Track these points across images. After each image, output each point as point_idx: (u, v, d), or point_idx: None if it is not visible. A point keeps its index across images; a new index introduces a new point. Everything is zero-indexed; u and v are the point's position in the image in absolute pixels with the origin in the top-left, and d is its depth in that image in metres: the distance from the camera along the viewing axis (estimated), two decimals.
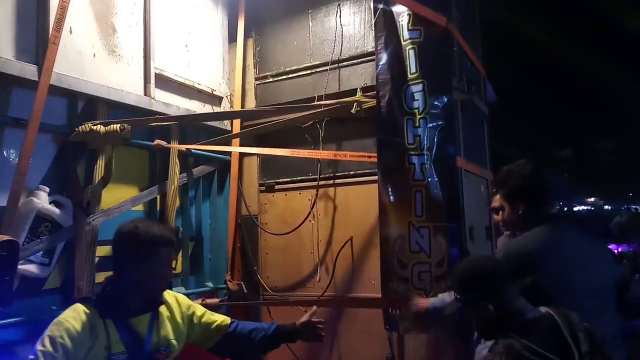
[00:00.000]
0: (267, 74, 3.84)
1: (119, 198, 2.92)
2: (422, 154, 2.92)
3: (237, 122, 3.80)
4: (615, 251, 6.69)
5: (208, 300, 2.94)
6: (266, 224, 3.77)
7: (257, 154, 3.82)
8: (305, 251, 3.56)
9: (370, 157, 3.07)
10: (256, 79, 3.91)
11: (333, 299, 3.37)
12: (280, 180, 3.73)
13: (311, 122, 3.45)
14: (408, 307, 2.74)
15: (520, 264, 2.06)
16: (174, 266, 3.21)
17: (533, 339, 1.68)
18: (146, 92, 3.07)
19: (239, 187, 3.80)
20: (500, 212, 2.36)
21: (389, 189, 2.96)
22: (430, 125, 2.91)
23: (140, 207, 3.12)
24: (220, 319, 2.23)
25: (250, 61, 3.94)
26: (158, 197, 3.24)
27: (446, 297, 2.49)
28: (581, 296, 2.01)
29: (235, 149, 3.57)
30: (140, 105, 3.02)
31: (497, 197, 2.41)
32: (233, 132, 3.67)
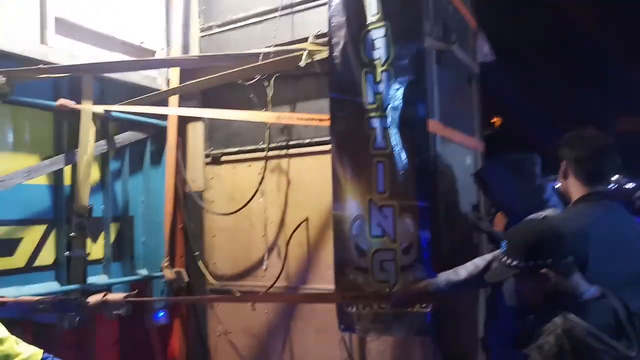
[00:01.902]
0: (212, 24, 3.39)
1: (6, 169, 2.51)
2: (385, 115, 2.49)
3: (175, 82, 3.36)
4: None
5: (110, 296, 2.57)
6: (212, 201, 3.37)
7: (202, 119, 3.40)
8: (255, 234, 3.17)
9: (321, 120, 2.65)
10: (201, 30, 3.46)
11: (279, 294, 3.00)
12: (227, 150, 3.32)
13: (256, 78, 3.01)
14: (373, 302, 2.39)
15: (571, 241, 1.91)
16: (87, 251, 2.82)
17: (595, 323, 1.63)
18: (43, 40, 2.63)
19: (178, 159, 3.39)
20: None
21: (345, 160, 2.54)
22: (395, 79, 2.48)
23: (41, 181, 2.71)
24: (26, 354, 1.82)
25: (195, 8, 3.48)
26: (68, 169, 2.83)
27: (451, 275, 2.30)
28: (626, 279, 1.97)
29: (160, 109, 3.13)
30: (33, 55, 2.58)
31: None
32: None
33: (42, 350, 1.92)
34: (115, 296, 2.58)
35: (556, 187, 2.52)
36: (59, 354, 3.57)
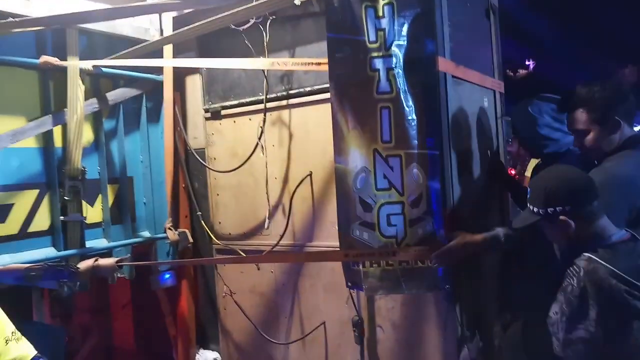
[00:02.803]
0: None
1: None
2: (389, 54, 2.27)
3: (168, 33, 3.18)
4: None
5: (101, 261, 2.49)
6: (215, 158, 3.24)
7: (199, 72, 3.24)
8: (259, 191, 3.03)
9: (319, 63, 2.44)
10: None
11: (280, 254, 2.89)
12: (227, 104, 3.15)
13: (251, 22, 2.80)
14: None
15: (626, 188, 2.00)
16: (84, 214, 2.74)
17: (620, 265, 1.66)
18: None
19: (176, 115, 3.24)
20: (586, 136, 2.20)
21: (346, 107, 2.34)
22: (400, 13, 2.24)
23: (29, 144, 2.61)
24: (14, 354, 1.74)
25: None
26: (58, 131, 2.72)
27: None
28: None
29: (152, 61, 2.95)
30: (10, 10, 2.42)
31: (580, 117, 2.21)
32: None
33: (33, 352, 1.85)
34: (107, 261, 2.52)
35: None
36: (75, 318, 3.67)
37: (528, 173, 3.75)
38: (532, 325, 2.02)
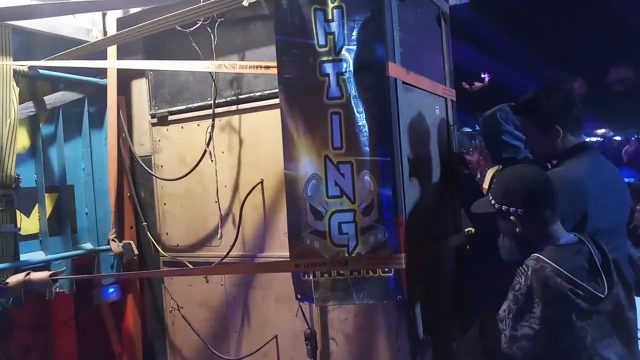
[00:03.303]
0: None
1: None
2: (339, 59, 2.24)
3: (112, 34, 3.05)
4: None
5: (33, 275, 2.34)
6: (162, 166, 3.11)
7: (145, 75, 3.11)
8: (209, 200, 2.93)
9: (267, 67, 2.37)
10: None
11: (229, 265, 2.78)
12: (174, 109, 3.04)
13: (199, 24, 2.71)
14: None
15: (574, 193, 2.06)
16: (18, 226, 2.57)
17: (565, 265, 1.72)
18: None
19: (120, 121, 3.11)
20: (530, 141, 2.36)
21: (296, 112, 2.29)
22: (349, 17, 2.22)
23: None
24: None
25: None
26: None
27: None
28: (615, 223, 2.18)
29: (93, 63, 2.82)
30: None
31: (524, 122, 2.38)
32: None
33: None
34: (40, 275, 2.36)
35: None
36: (14, 335, 3.45)
37: (485, 184, 3.78)
38: (488, 326, 2.02)
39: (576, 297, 1.70)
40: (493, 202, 1.92)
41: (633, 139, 14.45)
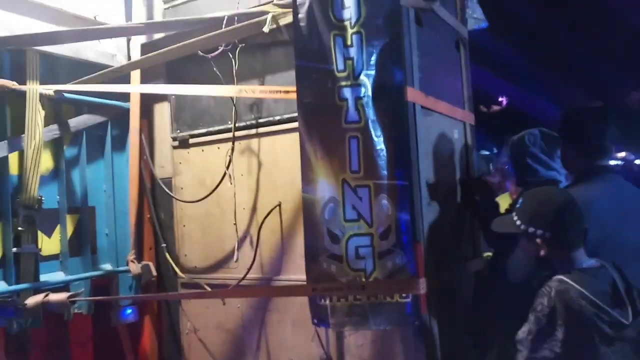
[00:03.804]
0: None
1: None
2: (357, 84, 2.25)
3: (136, 59, 3.13)
4: None
5: (52, 296, 2.36)
6: (182, 188, 3.15)
7: (167, 99, 3.18)
8: (227, 222, 2.95)
9: (287, 92, 2.41)
10: (165, 2, 3.22)
11: (244, 288, 2.78)
12: (195, 132, 3.09)
13: (220, 49, 2.77)
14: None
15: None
16: (39, 246, 2.61)
17: (590, 288, 1.70)
18: None
19: (142, 143, 3.16)
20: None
21: (314, 136, 2.31)
22: (368, 42, 2.24)
23: None
24: None
25: None
26: (14, 157, 2.61)
27: None
28: (628, 253, 2.05)
29: (117, 87, 2.89)
30: None
31: None
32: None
33: None
34: (58, 296, 2.39)
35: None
36: (31, 355, 3.47)
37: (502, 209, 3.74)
38: (506, 350, 2.00)
39: (601, 321, 1.67)
40: (519, 223, 1.91)
41: None
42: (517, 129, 2.82)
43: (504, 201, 4.13)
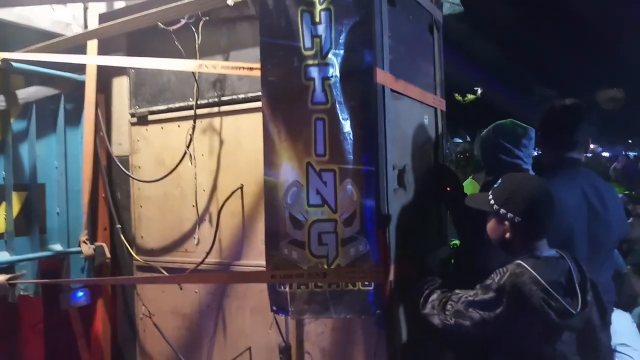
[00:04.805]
0: None
1: None
2: (325, 63, 2.18)
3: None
4: None
5: None
6: (139, 167, 3.04)
7: (126, 73, 3.04)
8: (186, 203, 2.86)
9: (251, 68, 2.32)
10: None
11: (198, 274, 2.72)
12: (155, 108, 2.97)
13: (182, 22, 2.64)
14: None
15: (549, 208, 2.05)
16: None
17: (544, 276, 1.76)
18: None
19: (98, 119, 3.03)
20: None
21: (278, 117, 2.23)
22: (337, 20, 2.17)
23: None
24: None
25: None
26: None
27: None
28: (589, 243, 2.18)
29: (72, 57, 2.74)
30: None
31: None
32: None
33: None
34: None
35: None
36: None
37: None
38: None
39: (548, 307, 1.73)
40: (493, 202, 1.95)
41: (621, 156, 14.68)
42: (490, 119, 2.83)
43: (468, 187, 4.17)
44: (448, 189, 2.72)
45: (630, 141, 23.66)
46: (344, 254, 2.17)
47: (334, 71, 2.18)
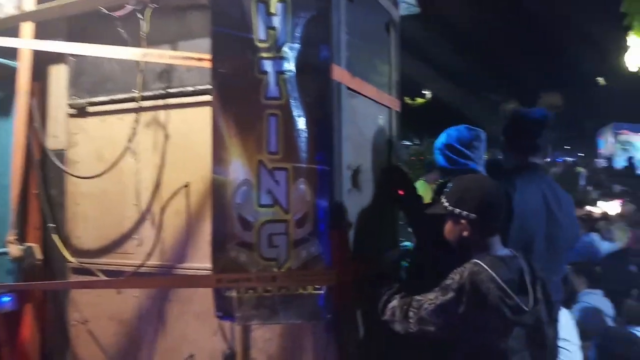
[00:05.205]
0: None
1: None
2: (280, 56, 2.10)
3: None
4: None
5: None
6: (77, 162, 2.83)
7: (65, 61, 2.84)
8: (127, 202, 2.69)
9: (200, 59, 2.20)
10: None
11: (140, 279, 2.57)
12: (96, 99, 2.78)
13: (128, 9, 2.49)
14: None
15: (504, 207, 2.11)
16: None
17: (500, 275, 1.82)
18: None
19: (31, 109, 2.81)
20: None
21: (229, 111, 2.13)
22: (294, 13, 2.09)
23: None
24: None
25: None
26: None
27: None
28: (547, 244, 2.28)
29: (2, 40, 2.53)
30: None
31: None
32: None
33: None
34: None
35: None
36: None
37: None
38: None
39: (504, 305, 1.79)
40: (447, 204, 1.99)
41: (560, 161, 15.39)
42: (439, 122, 2.88)
43: (420, 188, 4.18)
44: (401, 191, 2.71)
45: (567, 147, 24.83)
46: (295, 256, 2.09)
47: (289, 65, 2.09)
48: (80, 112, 2.82)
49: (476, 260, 1.88)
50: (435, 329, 1.87)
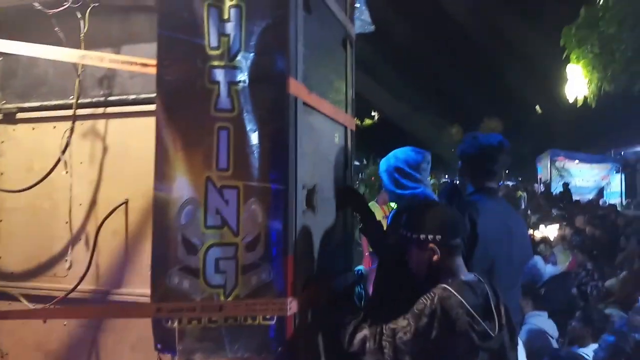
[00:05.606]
0: None
1: None
2: (233, 66, 1.93)
3: None
4: None
5: None
6: (2, 173, 2.55)
7: None
8: (58, 219, 2.43)
9: (145, 65, 2.00)
10: None
11: (74, 305, 2.29)
12: (26, 105, 2.51)
13: (65, 6, 2.26)
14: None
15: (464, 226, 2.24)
16: None
17: (468, 300, 1.84)
18: None
19: None
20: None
21: (175, 123, 1.94)
22: (249, 19, 1.94)
23: None
24: None
25: None
26: None
27: None
28: (509, 267, 2.37)
29: None
30: None
31: None
32: None
33: None
34: None
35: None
36: None
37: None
38: None
39: (472, 330, 1.80)
40: (409, 234, 2.01)
41: (501, 185, 15.97)
42: (387, 143, 2.88)
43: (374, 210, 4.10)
44: (356, 214, 2.61)
45: (507, 171, 25.93)
46: (244, 283, 1.91)
47: (243, 76, 1.93)
48: (9, 118, 2.55)
49: (444, 285, 1.89)
50: (411, 358, 1.84)
